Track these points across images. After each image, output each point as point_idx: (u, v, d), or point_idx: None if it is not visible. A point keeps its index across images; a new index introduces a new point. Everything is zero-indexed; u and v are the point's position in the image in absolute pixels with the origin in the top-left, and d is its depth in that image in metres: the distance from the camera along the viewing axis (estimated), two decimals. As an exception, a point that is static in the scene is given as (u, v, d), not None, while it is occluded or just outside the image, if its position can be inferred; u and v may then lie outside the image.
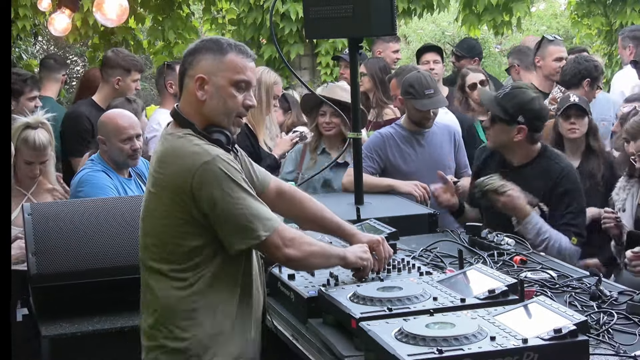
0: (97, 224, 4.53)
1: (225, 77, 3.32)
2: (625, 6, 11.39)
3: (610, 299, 3.44)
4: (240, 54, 3.36)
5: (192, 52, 3.35)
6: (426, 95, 5.83)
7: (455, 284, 3.32)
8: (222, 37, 3.44)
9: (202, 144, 3.26)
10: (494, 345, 2.63)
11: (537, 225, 4.79)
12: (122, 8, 10.01)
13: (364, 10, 4.95)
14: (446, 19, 20.81)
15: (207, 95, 3.32)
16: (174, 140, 3.31)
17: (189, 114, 3.36)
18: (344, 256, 3.48)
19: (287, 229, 3.35)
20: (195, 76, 3.31)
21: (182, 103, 3.40)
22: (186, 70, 3.36)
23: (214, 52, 3.32)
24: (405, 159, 5.89)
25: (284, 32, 10.45)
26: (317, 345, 3.26)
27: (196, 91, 3.32)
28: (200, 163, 3.20)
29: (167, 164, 3.28)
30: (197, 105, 3.34)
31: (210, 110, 3.34)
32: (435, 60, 8.25)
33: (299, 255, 3.34)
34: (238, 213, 3.21)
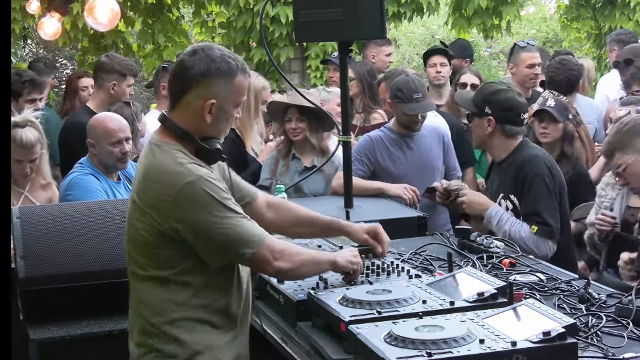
0: (86, 227, 4.52)
1: (232, 101, 3.33)
2: (615, 10, 11.46)
3: (599, 301, 3.44)
4: (244, 73, 3.34)
5: (204, 74, 3.25)
6: (414, 99, 5.84)
7: (444, 287, 3.32)
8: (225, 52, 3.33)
9: (186, 163, 3.22)
10: (483, 348, 2.63)
11: (497, 216, 4.93)
12: (113, 12, 10.01)
13: (353, 14, 4.95)
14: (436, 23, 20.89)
15: (213, 119, 3.29)
16: (160, 154, 3.27)
17: (186, 126, 3.30)
18: (334, 261, 3.48)
19: (276, 241, 3.33)
20: (208, 100, 3.26)
21: (180, 115, 3.31)
22: (192, 88, 3.27)
23: (224, 76, 3.27)
24: (394, 162, 5.90)
25: (274, 36, 10.45)
26: (306, 349, 3.25)
27: (205, 114, 3.27)
28: (183, 184, 3.17)
29: (150, 179, 3.24)
30: (199, 123, 3.30)
31: (214, 130, 3.33)
32: (442, 63, 8.23)
33: (290, 267, 3.34)
34: (222, 233, 3.19)
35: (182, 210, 3.16)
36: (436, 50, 8.63)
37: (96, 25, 10.24)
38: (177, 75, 3.32)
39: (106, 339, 4.29)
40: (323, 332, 3.23)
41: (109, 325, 4.35)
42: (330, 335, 3.17)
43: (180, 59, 3.35)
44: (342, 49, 5.20)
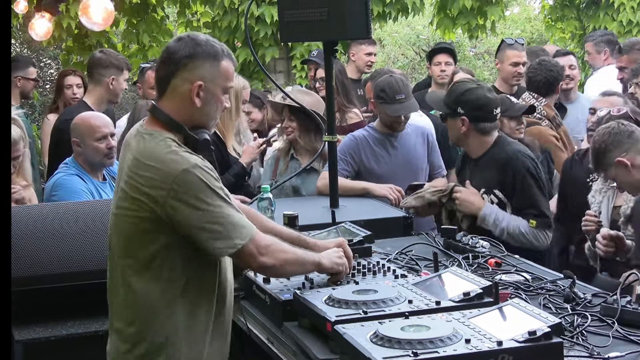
0: (72, 228, 4.51)
1: (219, 84, 3.32)
2: (599, 10, 11.50)
3: (584, 301, 3.46)
4: (230, 59, 3.37)
5: (190, 56, 3.28)
6: (397, 100, 5.85)
7: (430, 287, 3.32)
8: (210, 38, 3.38)
9: (180, 151, 3.23)
10: (469, 348, 2.64)
11: (492, 215, 4.96)
12: (107, 12, 9.99)
13: (338, 14, 4.95)
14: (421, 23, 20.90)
15: (202, 102, 3.29)
16: (152, 142, 3.26)
17: (176, 115, 3.30)
18: (319, 262, 3.48)
19: (263, 237, 3.33)
20: (194, 82, 3.27)
21: (169, 104, 3.32)
22: (178, 71, 3.29)
23: (210, 58, 3.29)
24: (378, 162, 5.91)
25: (259, 36, 10.44)
26: (292, 349, 3.25)
27: (193, 96, 3.27)
28: (179, 171, 3.17)
29: (143, 166, 3.23)
30: (189, 109, 3.30)
31: (203, 116, 3.33)
32: (447, 62, 8.25)
33: (274, 263, 3.34)
34: (216, 221, 3.19)
35: (178, 197, 3.16)
36: (442, 48, 8.63)
37: (91, 25, 10.20)
38: (163, 61, 3.34)
39: (92, 340, 4.27)
40: (309, 332, 3.23)
41: (94, 326, 4.34)
42: (316, 335, 3.17)
43: (166, 47, 3.39)
44: (327, 49, 5.20)
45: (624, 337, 3.10)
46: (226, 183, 6.04)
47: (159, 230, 3.23)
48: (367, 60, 8.86)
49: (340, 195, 5.27)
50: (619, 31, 11.09)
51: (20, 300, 4.34)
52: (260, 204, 4.61)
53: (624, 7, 11.23)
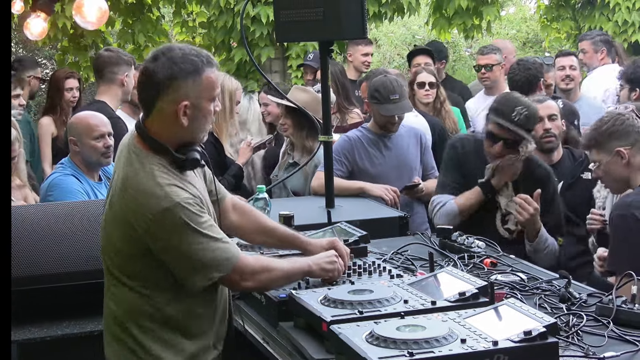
0: (67, 228, 4.50)
1: (205, 97, 3.26)
2: (594, 10, 11.50)
3: (580, 301, 3.46)
4: (211, 66, 3.28)
5: (170, 77, 3.19)
6: (391, 101, 5.86)
7: (426, 287, 3.32)
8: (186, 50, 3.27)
9: (165, 185, 3.17)
10: (465, 348, 2.64)
11: (543, 236, 5.01)
12: (101, 11, 10.00)
13: (334, 14, 4.95)
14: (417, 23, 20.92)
15: (189, 120, 3.23)
16: (139, 168, 3.23)
17: (162, 135, 3.26)
18: (308, 271, 3.48)
19: (246, 262, 3.30)
20: (180, 102, 3.19)
21: (155, 123, 3.27)
22: (160, 94, 3.22)
23: (191, 74, 3.21)
24: (372, 162, 5.92)
25: (255, 36, 10.43)
26: (288, 349, 3.25)
27: (180, 117, 3.21)
28: (159, 209, 3.14)
29: (129, 195, 3.22)
30: (177, 129, 3.25)
31: (192, 132, 3.28)
32: (426, 62, 8.27)
33: (258, 286, 3.39)
34: (194, 258, 3.19)
35: (157, 234, 3.16)
36: (420, 50, 8.65)
37: (84, 24, 10.20)
38: (143, 84, 3.28)
39: (87, 340, 4.27)
40: (305, 332, 3.23)
41: (89, 326, 4.34)
42: (312, 335, 3.17)
43: (143, 67, 3.30)
44: (322, 49, 5.21)
45: (619, 337, 3.10)
46: (226, 184, 6.14)
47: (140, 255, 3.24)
48: (364, 60, 8.88)
49: (336, 195, 5.28)
50: (615, 31, 11.11)
51: (15, 300, 4.33)
52: (255, 204, 4.60)
53: (619, 7, 11.23)
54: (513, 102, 5.00)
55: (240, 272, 3.27)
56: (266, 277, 3.36)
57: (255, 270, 3.32)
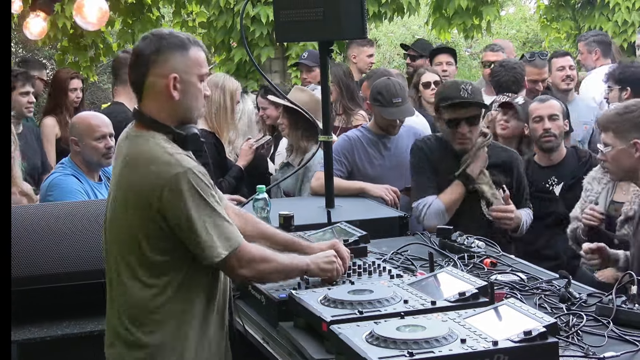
0: (67, 228, 4.50)
1: (194, 73, 3.31)
2: (594, 10, 11.50)
3: (580, 300, 3.46)
4: (198, 47, 3.35)
5: (157, 51, 3.28)
6: (394, 104, 5.85)
7: (425, 287, 3.32)
8: (174, 30, 3.39)
9: (175, 154, 3.23)
10: (465, 348, 2.64)
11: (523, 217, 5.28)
12: (102, 11, 10.01)
13: (334, 14, 4.95)
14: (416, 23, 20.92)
15: (180, 94, 3.28)
16: (145, 144, 3.27)
17: (159, 114, 3.30)
18: (306, 270, 3.49)
19: (248, 249, 3.32)
20: (169, 75, 3.26)
21: (149, 103, 3.33)
22: (149, 69, 3.29)
23: (178, 48, 3.29)
24: (372, 163, 5.91)
25: (255, 35, 10.43)
26: (287, 349, 3.25)
27: (171, 90, 3.27)
28: (171, 175, 3.17)
29: (136, 169, 3.24)
30: (170, 105, 3.30)
31: (185, 108, 3.32)
32: (448, 62, 8.28)
33: (254, 275, 3.38)
34: (204, 229, 3.20)
35: (170, 200, 3.17)
36: (443, 48, 8.65)
37: (85, 25, 10.20)
38: (134, 64, 3.36)
39: (87, 340, 4.27)
40: (305, 332, 3.23)
41: (89, 326, 4.34)
42: (311, 335, 3.17)
43: (133, 49, 3.43)
44: (322, 49, 5.20)
45: (619, 337, 3.10)
46: (228, 186, 6.14)
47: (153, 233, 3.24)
48: (368, 61, 8.88)
49: (336, 195, 5.28)
50: (614, 31, 11.11)
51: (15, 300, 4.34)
52: (255, 204, 4.61)
53: (619, 8, 11.24)
54: (455, 84, 5.29)
55: (239, 257, 3.27)
56: (263, 267, 3.36)
57: (254, 258, 3.33)
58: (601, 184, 5.14)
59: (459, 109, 5.13)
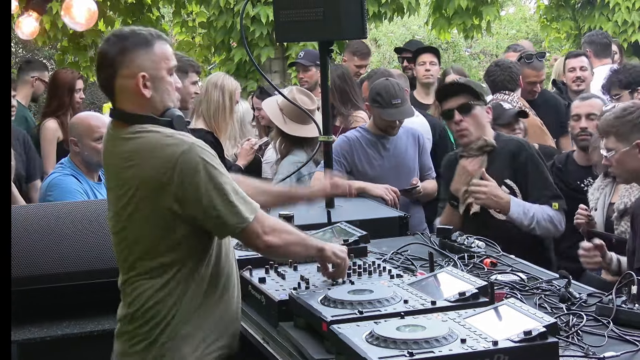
0: (67, 228, 4.50)
1: (162, 67, 3.30)
2: (594, 10, 11.52)
3: (580, 300, 3.46)
4: (162, 39, 3.34)
5: (121, 51, 3.26)
6: (393, 105, 5.85)
7: (426, 287, 3.32)
8: (135, 28, 3.38)
9: (175, 134, 3.25)
10: (465, 348, 2.64)
11: (520, 205, 4.91)
12: (90, 12, 9.98)
13: (334, 14, 4.95)
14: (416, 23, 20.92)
15: (152, 91, 3.28)
16: (144, 136, 3.26)
17: (138, 111, 3.31)
18: (322, 248, 3.48)
19: (267, 216, 3.35)
20: (137, 75, 3.25)
21: (125, 103, 3.32)
22: (116, 71, 3.28)
23: (142, 46, 3.28)
24: (371, 163, 5.92)
25: (255, 35, 10.43)
26: (288, 349, 3.25)
27: (141, 89, 3.26)
28: (179, 153, 3.18)
29: (140, 160, 3.23)
30: (143, 102, 3.29)
31: (159, 102, 3.31)
32: (431, 61, 8.28)
33: (279, 243, 3.35)
34: (223, 199, 3.20)
35: (183, 181, 3.17)
36: (426, 48, 8.66)
37: (73, 25, 10.21)
38: (99, 67, 3.35)
39: (87, 340, 4.27)
40: (305, 332, 3.23)
41: (90, 326, 4.34)
42: (312, 335, 3.17)
43: (97, 52, 3.39)
44: (322, 49, 5.20)
45: (619, 336, 3.09)
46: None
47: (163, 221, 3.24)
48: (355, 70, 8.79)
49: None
50: (614, 31, 11.12)
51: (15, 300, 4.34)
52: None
53: (619, 7, 11.25)
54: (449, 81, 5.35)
55: (262, 223, 3.28)
56: (286, 237, 3.36)
57: (277, 227, 3.34)
58: (599, 190, 5.15)
59: (450, 98, 5.07)
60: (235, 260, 3.53)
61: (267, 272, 3.69)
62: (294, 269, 3.73)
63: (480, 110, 5.07)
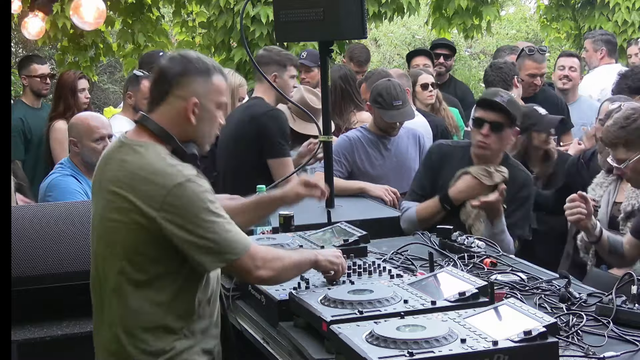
0: (67, 228, 4.51)
1: (213, 100, 3.32)
2: (594, 10, 11.50)
3: (580, 300, 3.46)
4: (221, 75, 3.36)
5: (182, 73, 3.28)
6: (394, 107, 5.85)
7: (425, 287, 3.32)
8: (201, 55, 3.38)
9: (176, 164, 3.21)
10: (465, 348, 2.64)
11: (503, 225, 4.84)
12: (99, 11, 10.00)
13: (334, 14, 4.96)
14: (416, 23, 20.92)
15: (197, 119, 3.28)
16: (147, 154, 3.23)
17: (170, 129, 3.28)
18: (315, 260, 3.48)
19: (259, 249, 3.32)
20: (189, 99, 3.26)
21: (162, 117, 3.30)
22: (172, 88, 3.28)
23: (202, 74, 3.29)
24: (372, 163, 5.92)
25: (255, 35, 10.41)
26: (288, 349, 3.25)
27: (189, 114, 3.26)
28: (172, 184, 3.15)
29: (136, 178, 3.20)
30: (184, 125, 3.28)
31: (198, 132, 3.32)
32: (425, 64, 8.28)
33: (272, 275, 3.33)
34: (207, 237, 3.17)
35: (171, 210, 3.14)
36: (419, 51, 8.67)
37: (82, 24, 10.20)
38: (157, 80, 3.35)
39: (87, 340, 4.25)
40: (305, 332, 3.23)
41: (89, 326, 4.29)
42: (312, 335, 3.17)
43: (158, 66, 3.38)
44: (322, 49, 5.21)
45: (619, 336, 3.10)
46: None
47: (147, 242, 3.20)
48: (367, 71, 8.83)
49: (336, 194, 5.28)
50: (614, 31, 11.10)
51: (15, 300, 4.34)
52: (255, 203, 4.59)
53: (619, 7, 11.23)
54: (496, 91, 5.19)
55: (253, 257, 3.25)
56: (279, 265, 3.34)
57: (268, 258, 3.31)
58: (602, 187, 5.12)
59: (486, 109, 4.96)
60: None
61: (267, 272, 3.68)
62: (294, 269, 3.72)
63: (508, 133, 4.98)
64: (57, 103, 7.64)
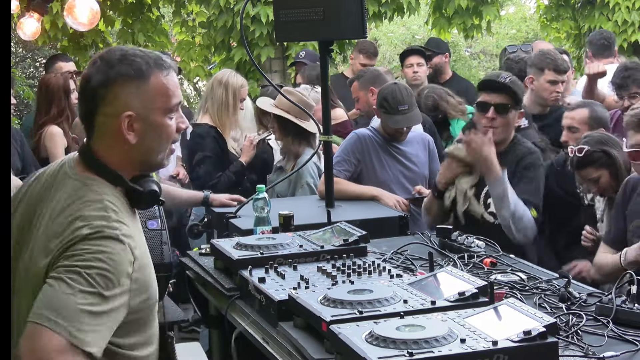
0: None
1: (156, 107, 2.65)
2: (594, 10, 11.50)
3: (579, 300, 3.47)
4: (161, 69, 2.67)
5: (104, 83, 2.60)
6: (400, 112, 5.72)
7: (425, 287, 3.32)
8: (134, 49, 2.66)
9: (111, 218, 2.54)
10: (464, 348, 2.64)
11: (507, 184, 4.70)
12: (93, 12, 9.98)
13: (334, 14, 4.96)
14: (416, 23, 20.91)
15: (138, 136, 2.63)
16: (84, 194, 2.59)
17: (111, 159, 2.65)
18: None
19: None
20: (121, 115, 2.60)
21: (100, 144, 2.66)
22: (97, 107, 2.63)
23: (132, 79, 2.61)
24: (382, 166, 5.76)
25: (255, 35, 10.42)
26: (287, 349, 3.25)
27: (125, 134, 2.61)
28: (83, 235, 2.49)
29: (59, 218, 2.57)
30: (126, 149, 2.64)
31: (144, 152, 2.68)
32: (419, 63, 8.27)
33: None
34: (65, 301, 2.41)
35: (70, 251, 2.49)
36: (413, 50, 8.66)
37: (76, 25, 10.21)
38: (80, 94, 2.71)
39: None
40: (304, 332, 3.23)
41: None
42: (311, 335, 3.17)
43: (81, 75, 2.72)
44: (322, 48, 5.21)
45: (619, 336, 3.11)
46: (227, 180, 6.18)
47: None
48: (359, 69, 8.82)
49: (347, 199, 5.28)
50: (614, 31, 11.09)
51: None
52: (255, 203, 4.61)
53: (619, 7, 11.23)
54: (497, 73, 5.27)
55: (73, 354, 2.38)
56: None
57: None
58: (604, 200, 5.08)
59: (489, 92, 4.92)
60: None
61: (266, 272, 3.69)
62: (294, 269, 3.73)
63: (514, 115, 4.94)
64: (47, 108, 7.33)
